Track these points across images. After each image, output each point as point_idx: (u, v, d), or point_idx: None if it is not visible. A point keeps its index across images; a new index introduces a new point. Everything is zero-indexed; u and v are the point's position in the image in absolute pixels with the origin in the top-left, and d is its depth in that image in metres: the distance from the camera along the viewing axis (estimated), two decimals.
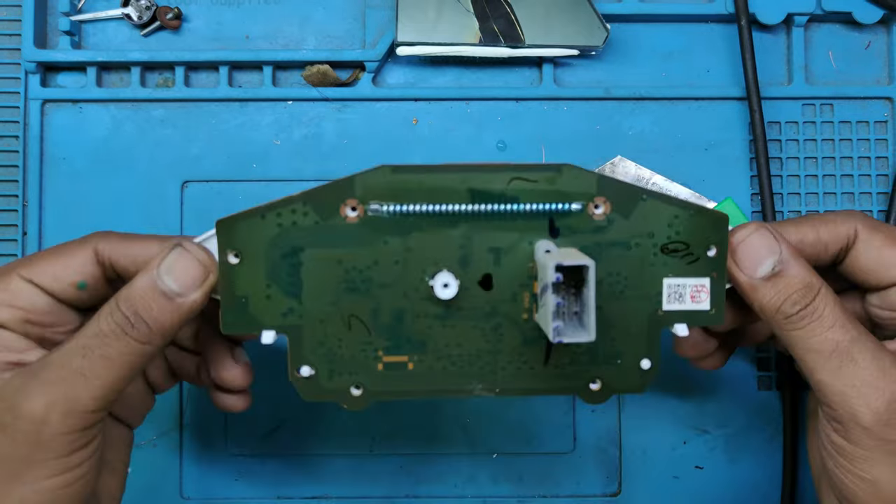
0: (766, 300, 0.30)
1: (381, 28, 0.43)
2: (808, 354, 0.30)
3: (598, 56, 0.44)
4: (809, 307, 0.30)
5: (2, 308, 0.30)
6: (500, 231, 0.30)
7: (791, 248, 0.31)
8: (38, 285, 0.31)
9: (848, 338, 0.29)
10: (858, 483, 0.30)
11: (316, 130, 0.43)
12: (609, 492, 0.43)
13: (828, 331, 0.30)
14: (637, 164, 0.43)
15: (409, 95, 0.43)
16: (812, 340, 0.30)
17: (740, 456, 0.43)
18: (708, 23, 0.44)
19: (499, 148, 0.43)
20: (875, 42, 0.44)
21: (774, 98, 0.43)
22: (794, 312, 0.30)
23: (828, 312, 0.30)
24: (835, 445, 0.30)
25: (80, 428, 0.29)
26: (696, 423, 0.43)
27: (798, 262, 0.31)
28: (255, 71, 0.44)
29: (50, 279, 0.31)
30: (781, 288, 0.30)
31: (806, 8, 0.43)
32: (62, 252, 0.31)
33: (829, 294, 0.30)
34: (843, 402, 0.29)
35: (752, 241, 0.31)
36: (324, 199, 0.29)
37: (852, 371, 0.29)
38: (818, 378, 0.30)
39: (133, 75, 0.43)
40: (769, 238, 0.31)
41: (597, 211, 0.30)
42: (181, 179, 0.43)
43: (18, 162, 0.43)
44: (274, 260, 0.30)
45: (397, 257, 0.30)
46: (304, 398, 0.31)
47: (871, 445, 0.29)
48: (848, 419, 0.29)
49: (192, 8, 0.44)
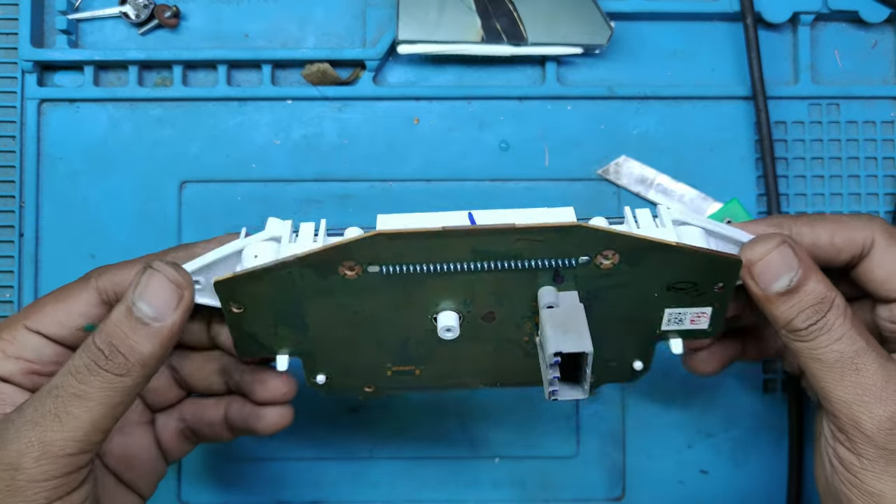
0: (779, 313, 0.30)
1: (381, 26, 0.43)
2: (813, 363, 0.30)
3: (602, 54, 0.43)
4: (821, 321, 0.30)
5: (8, 360, 0.30)
6: (504, 279, 0.29)
7: (808, 262, 0.30)
8: (44, 335, 0.30)
9: (854, 349, 0.30)
10: (864, 498, 0.30)
11: (316, 130, 0.43)
12: (613, 496, 0.43)
13: (835, 342, 0.30)
14: (641, 164, 0.43)
15: (411, 94, 0.43)
16: (818, 351, 0.30)
17: (746, 460, 0.43)
18: (713, 21, 0.44)
19: (501, 148, 0.43)
20: (882, 41, 0.44)
21: (780, 97, 0.43)
22: (804, 327, 0.30)
23: (837, 325, 0.30)
24: (841, 460, 0.30)
25: (58, 474, 0.27)
26: (701, 427, 0.43)
27: (814, 278, 0.30)
28: (255, 70, 0.43)
29: (56, 327, 0.30)
30: (795, 303, 0.30)
31: (812, 7, 0.42)
32: (65, 296, 0.31)
33: (840, 306, 0.30)
34: (847, 411, 0.29)
35: (771, 258, 0.30)
36: (320, 262, 0.29)
37: (856, 380, 0.29)
38: (822, 386, 0.30)
39: (131, 74, 0.43)
40: (789, 255, 0.30)
41: (604, 262, 0.29)
42: (179, 179, 0.43)
43: (15, 162, 0.42)
44: (276, 308, 0.30)
45: (399, 302, 0.30)
46: (324, 396, 0.33)
47: (874, 456, 0.29)
48: (851, 428, 0.29)
49: (190, 6, 0.43)
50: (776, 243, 0.30)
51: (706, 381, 0.43)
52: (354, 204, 0.43)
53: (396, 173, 0.43)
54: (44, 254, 0.42)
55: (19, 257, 0.42)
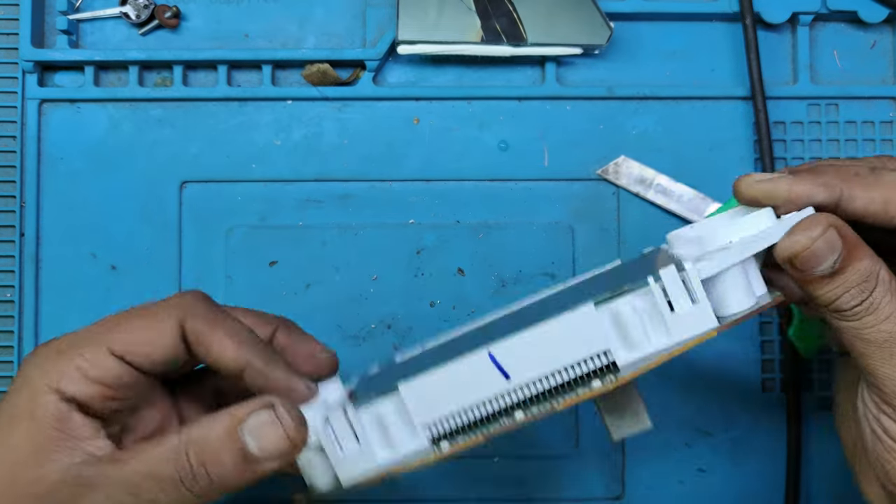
0: (822, 293, 0.28)
1: (381, 26, 0.43)
2: (858, 342, 0.29)
3: (602, 55, 0.43)
4: (866, 301, 0.28)
5: (89, 384, 0.28)
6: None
7: (853, 240, 0.28)
8: (128, 362, 0.28)
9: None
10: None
11: (316, 130, 0.43)
12: (612, 495, 0.43)
13: (882, 322, 0.28)
14: (641, 165, 0.43)
15: (410, 95, 0.43)
16: (865, 331, 0.28)
17: (744, 459, 0.43)
18: (712, 21, 0.44)
19: (501, 148, 0.43)
20: (880, 41, 0.44)
21: (779, 98, 0.43)
22: (849, 308, 0.28)
23: (885, 304, 0.28)
24: (886, 430, 0.29)
25: None
26: (699, 426, 0.43)
27: (858, 255, 0.28)
28: (255, 70, 0.43)
29: (142, 358, 0.28)
30: (840, 284, 0.28)
31: (811, 7, 0.42)
32: (150, 323, 0.29)
33: (886, 281, 0.28)
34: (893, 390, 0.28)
35: (814, 249, 0.28)
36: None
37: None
38: (868, 363, 0.29)
39: (131, 75, 0.43)
40: (834, 239, 0.28)
41: None
42: (180, 179, 0.43)
43: (16, 162, 0.42)
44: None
45: None
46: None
47: None
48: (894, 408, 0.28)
49: (190, 6, 0.43)
50: (821, 231, 0.28)
51: (705, 380, 0.43)
52: (354, 204, 0.43)
53: (396, 173, 0.43)
54: (44, 253, 0.42)
55: (20, 257, 0.42)
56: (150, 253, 0.42)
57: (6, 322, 0.42)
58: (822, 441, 0.43)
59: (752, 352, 0.43)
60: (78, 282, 0.42)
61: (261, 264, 0.42)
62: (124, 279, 0.42)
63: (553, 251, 0.43)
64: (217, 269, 0.42)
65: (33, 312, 0.42)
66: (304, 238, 0.43)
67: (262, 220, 0.43)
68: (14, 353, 0.42)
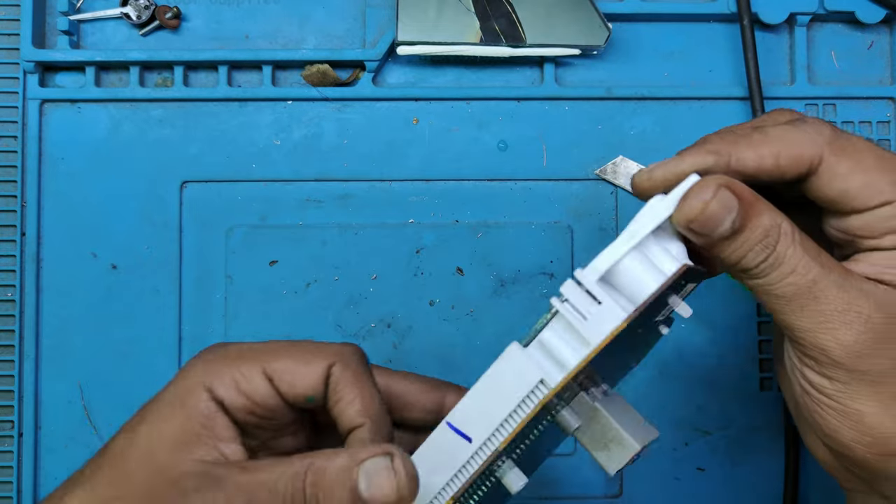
0: (726, 255, 0.28)
1: (381, 27, 0.43)
2: (771, 299, 0.29)
3: (600, 56, 0.43)
4: (770, 257, 0.28)
5: (238, 395, 0.29)
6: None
7: (748, 197, 0.28)
8: (275, 386, 0.30)
9: (810, 278, 0.28)
10: (841, 419, 0.29)
11: (316, 130, 0.43)
12: (610, 493, 0.43)
13: (789, 276, 0.28)
14: (639, 164, 0.43)
15: (410, 95, 0.43)
16: (774, 287, 0.28)
17: (742, 458, 0.43)
18: (710, 22, 0.44)
19: (500, 148, 0.43)
20: (878, 42, 0.44)
21: (777, 98, 0.43)
22: (754, 265, 0.28)
23: (789, 256, 0.28)
24: (811, 383, 0.29)
25: None
26: (697, 425, 0.43)
27: (756, 212, 0.28)
28: (255, 70, 0.44)
29: (287, 387, 0.30)
30: (741, 243, 0.28)
31: (808, 7, 0.43)
32: (304, 359, 0.30)
33: (789, 233, 0.28)
34: (812, 339, 0.28)
35: (709, 210, 0.27)
36: None
37: (816, 308, 0.28)
38: (782, 318, 0.29)
39: (132, 75, 0.43)
40: (728, 198, 0.28)
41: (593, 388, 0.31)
42: (180, 180, 0.43)
43: (17, 162, 0.42)
44: None
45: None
46: None
47: (847, 378, 0.28)
48: (819, 355, 0.28)
49: (191, 7, 0.43)
50: (712, 192, 0.27)
51: (703, 379, 0.43)
52: (354, 204, 0.43)
53: (396, 173, 0.43)
54: (45, 253, 0.42)
55: (21, 257, 0.42)
56: (151, 253, 0.42)
57: (7, 321, 0.42)
58: None
59: (751, 351, 0.43)
60: (78, 281, 0.42)
61: (261, 264, 0.43)
62: (125, 279, 0.42)
63: (552, 251, 0.43)
64: (217, 268, 0.43)
65: (34, 312, 0.42)
66: (304, 238, 0.43)
67: (262, 219, 0.43)
68: (15, 352, 0.42)
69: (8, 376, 0.42)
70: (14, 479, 0.42)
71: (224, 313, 0.42)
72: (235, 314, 0.42)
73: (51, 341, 0.42)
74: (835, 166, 0.29)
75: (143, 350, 0.42)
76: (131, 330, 0.42)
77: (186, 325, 0.42)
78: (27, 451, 0.42)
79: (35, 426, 0.42)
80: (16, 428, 0.42)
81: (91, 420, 0.42)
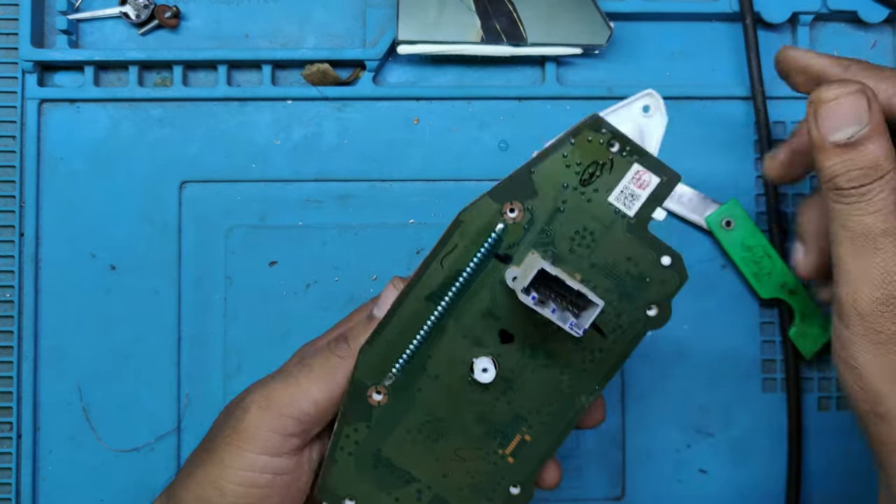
0: (828, 165, 0.29)
1: (381, 26, 0.43)
2: (839, 228, 0.29)
3: (602, 55, 0.43)
4: (865, 187, 0.29)
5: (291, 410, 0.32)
6: (474, 300, 0.31)
7: (879, 122, 0.29)
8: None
9: (884, 227, 0.28)
10: (847, 371, 0.30)
11: (316, 130, 0.43)
12: (612, 496, 0.43)
13: (868, 215, 0.29)
14: None
15: (410, 95, 0.43)
16: (850, 218, 0.29)
17: (745, 460, 0.43)
18: (712, 21, 0.44)
19: (501, 148, 0.43)
20: (881, 41, 0.44)
21: (780, 97, 0.43)
22: (847, 187, 0.29)
23: (878, 198, 0.28)
24: (836, 332, 0.30)
25: (276, 429, 0.31)
26: (700, 427, 0.43)
27: (878, 140, 0.28)
28: (255, 70, 0.43)
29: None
30: (848, 160, 0.29)
31: (811, 7, 0.42)
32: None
33: (892, 180, 0.29)
34: (850, 284, 0.29)
35: (841, 103, 0.29)
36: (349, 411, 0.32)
37: (869, 257, 0.29)
38: (838, 251, 0.29)
39: (131, 74, 0.43)
40: (862, 106, 0.29)
41: (512, 215, 0.30)
42: (179, 179, 0.43)
43: (15, 162, 0.42)
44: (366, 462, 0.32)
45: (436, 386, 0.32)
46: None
47: (861, 333, 0.29)
48: (848, 301, 0.29)
49: (190, 6, 0.43)
50: (854, 89, 0.28)
51: (705, 381, 0.43)
52: (354, 204, 0.43)
53: (396, 173, 0.43)
54: (44, 254, 0.42)
55: (19, 257, 0.42)
56: (150, 253, 0.42)
57: (6, 322, 0.42)
58: (822, 441, 0.43)
59: (753, 353, 0.43)
60: (77, 282, 0.42)
61: (261, 264, 0.42)
62: (124, 279, 0.42)
63: None
64: (217, 269, 0.42)
65: (33, 312, 0.42)
66: (304, 238, 0.42)
67: (262, 220, 0.43)
68: (14, 353, 0.42)
69: (6, 377, 0.42)
70: (13, 481, 0.41)
71: (224, 314, 0.42)
72: (235, 314, 0.42)
73: (49, 342, 0.42)
74: None
75: (142, 351, 0.42)
76: (130, 331, 0.42)
77: (186, 325, 0.42)
78: (26, 453, 0.41)
79: (34, 427, 0.42)
80: (14, 429, 0.42)
81: (90, 421, 0.42)
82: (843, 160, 0.29)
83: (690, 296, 0.43)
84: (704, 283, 0.43)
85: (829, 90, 0.29)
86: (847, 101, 0.28)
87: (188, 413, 0.42)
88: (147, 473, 0.42)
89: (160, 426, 0.42)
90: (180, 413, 0.42)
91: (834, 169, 0.29)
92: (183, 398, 0.42)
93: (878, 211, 0.28)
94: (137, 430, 0.42)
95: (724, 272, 0.43)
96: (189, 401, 0.42)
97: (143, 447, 0.42)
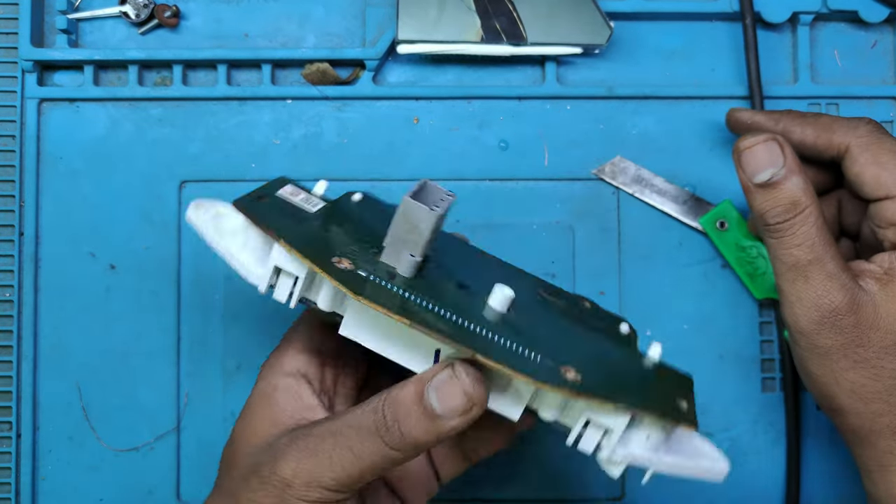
0: (756, 204, 0.34)
1: (381, 26, 0.43)
2: (774, 260, 0.34)
3: (602, 54, 0.43)
4: (788, 222, 0.33)
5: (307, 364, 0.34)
6: None
7: (793, 163, 0.33)
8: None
9: (810, 258, 0.33)
10: (805, 378, 0.36)
11: (316, 129, 0.43)
12: (613, 495, 0.43)
13: (794, 248, 0.33)
14: (637, 165, 0.43)
15: (410, 94, 0.43)
16: (780, 251, 0.34)
17: (744, 459, 0.43)
18: (712, 21, 0.44)
19: (501, 147, 0.43)
20: (881, 41, 0.44)
21: (780, 97, 0.43)
22: (773, 223, 0.34)
23: (801, 231, 0.33)
24: (791, 348, 0.36)
25: (319, 500, 0.30)
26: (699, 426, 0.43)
27: (794, 179, 0.33)
28: (254, 69, 0.43)
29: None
30: (770, 198, 0.33)
31: (811, 6, 0.42)
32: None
33: (811, 214, 0.33)
34: (790, 309, 0.34)
35: (757, 150, 0.33)
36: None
37: (802, 286, 0.33)
38: (777, 281, 0.34)
39: (131, 74, 0.43)
40: (775, 151, 0.33)
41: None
42: (179, 179, 0.43)
43: (15, 161, 0.42)
44: None
45: None
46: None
47: (807, 348, 0.34)
48: (791, 322, 0.34)
49: (190, 6, 0.43)
50: (765, 138, 0.33)
51: (705, 380, 0.43)
52: None
53: (396, 173, 0.43)
54: (44, 253, 0.42)
55: (19, 257, 0.42)
56: (150, 253, 0.42)
57: (5, 322, 0.42)
58: (822, 441, 0.43)
59: (752, 352, 0.43)
60: (77, 281, 0.42)
61: None
62: (123, 279, 0.42)
63: (553, 251, 0.43)
64: (216, 268, 0.42)
65: (32, 312, 0.42)
66: None
67: None
68: (14, 352, 0.42)
69: (6, 377, 0.42)
70: (12, 481, 0.41)
71: (223, 313, 0.42)
72: (235, 314, 0.42)
73: (49, 342, 0.42)
74: (857, 155, 0.35)
75: (141, 350, 0.42)
76: (130, 330, 0.42)
77: (185, 325, 0.42)
78: (25, 453, 0.41)
79: (33, 427, 0.42)
80: (14, 429, 0.42)
81: (89, 421, 0.42)
82: (767, 199, 0.34)
83: (690, 296, 0.43)
84: (704, 284, 0.43)
85: (744, 140, 0.34)
86: (761, 148, 0.33)
87: (188, 412, 0.42)
88: (147, 473, 0.42)
89: (160, 426, 0.42)
90: (180, 412, 0.42)
91: (761, 207, 0.34)
92: (183, 398, 0.42)
93: (802, 243, 0.33)
94: (137, 429, 0.42)
95: (724, 272, 0.43)
96: (189, 400, 0.42)
97: (142, 447, 0.42)
